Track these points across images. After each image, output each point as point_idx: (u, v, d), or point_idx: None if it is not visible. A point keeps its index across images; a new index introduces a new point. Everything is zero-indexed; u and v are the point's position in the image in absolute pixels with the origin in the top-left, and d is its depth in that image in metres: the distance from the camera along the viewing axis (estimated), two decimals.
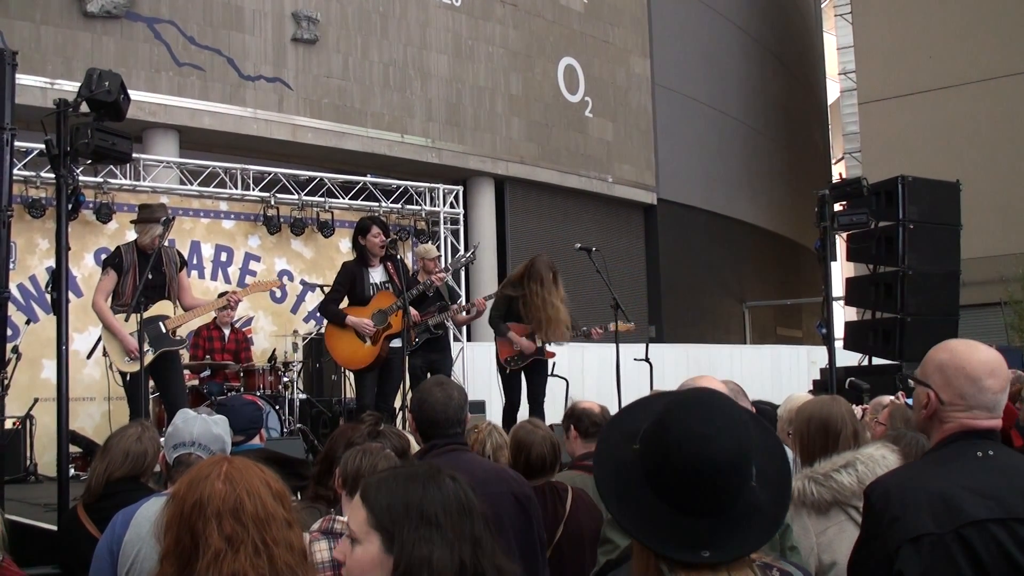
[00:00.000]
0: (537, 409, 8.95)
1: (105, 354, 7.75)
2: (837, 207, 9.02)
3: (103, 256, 10.39)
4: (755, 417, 2.06)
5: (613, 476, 1.91)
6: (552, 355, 9.16)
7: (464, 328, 12.54)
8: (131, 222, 8.11)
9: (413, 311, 8.57)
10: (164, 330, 7.65)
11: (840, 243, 11.20)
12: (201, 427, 3.82)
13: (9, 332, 6.71)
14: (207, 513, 2.19)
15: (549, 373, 9.30)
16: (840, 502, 3.37)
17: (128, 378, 7.63)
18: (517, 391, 9.07)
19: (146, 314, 7.54)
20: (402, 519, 2.10)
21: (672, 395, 1.98)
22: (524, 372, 9.07)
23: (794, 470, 3.88)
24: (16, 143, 5.95)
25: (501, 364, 9.07)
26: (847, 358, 11.06)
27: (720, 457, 1.78)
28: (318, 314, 10.05)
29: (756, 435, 1.90)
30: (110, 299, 7.69)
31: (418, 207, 12.86)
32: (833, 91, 34.37)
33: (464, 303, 10.41)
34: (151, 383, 8.11)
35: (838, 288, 13.35)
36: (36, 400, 9.18)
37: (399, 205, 12.65)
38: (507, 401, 9.07)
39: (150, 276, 7.61)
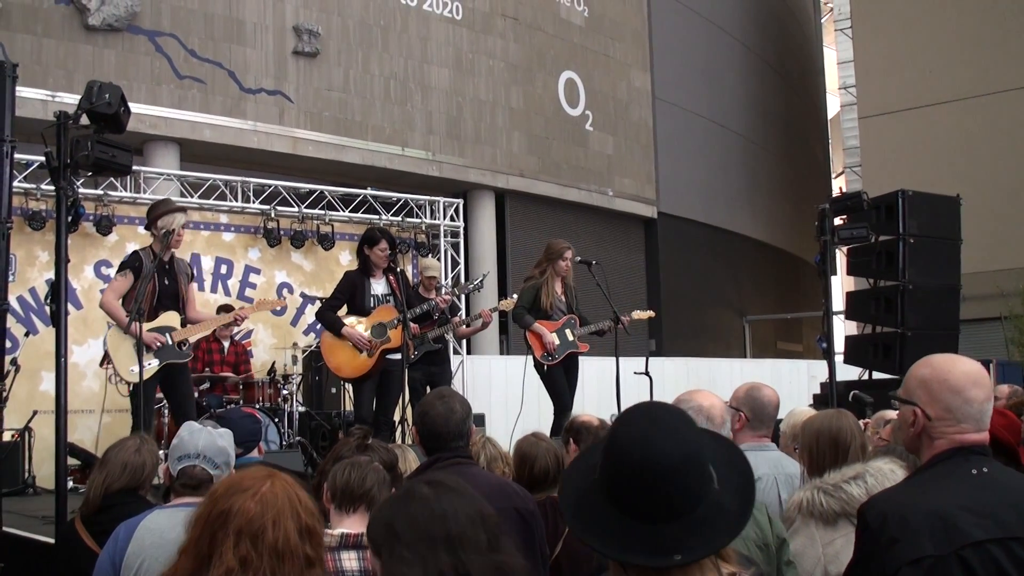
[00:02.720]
0: (568, 405, 8.74)
1: (109, 362, 7.61)
2: (837, 221, 9.02)
3: (103, 268, 10.44)
4: (707, 430, 2.13)
5: (577, 504, 1.95)
6: (585, 347, 8.96)
7: (464, 341, 12.52)
8: (147, 227, 7.97)
9: (413, 324, 8.55)
10: (171, 341, 7.59)
11: (840, 257, 11.19)
12: (206, 440, 3.82)
13: (8, 344, 6.71)
14: (229, 527, 2.19)
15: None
16: (848, 513, 3.35)
17: (133, 388, 7.55)
18: (564, 392, 8.82)
19: (154, 324, 7.50)
20: (381, 542, 2.09)
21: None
22: (563, 369, 8.87)
23: (802, 484, 3.88)
24: (17, 155, 5.96)
25: (538, 363, 8.81)
26: (847, 372, 11.05)
27: (662, 458, 1.83)
28: (316, 321, 9.97)
29: (711, 445, 1.98)
30: (121, 301, 7.58)
31: (418, 220, 12.85)
32: (833, 105, 34.38)
33: (464, 316, 10.40)
34: (158, 394, 8.07)
35: (838, 302, 13.34)
36: (35, 412, 9.15)
37: (399, 218, 12.64)
38: (556, 405, 8.81)
39: (166, 283, 7.59)
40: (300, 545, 2.24)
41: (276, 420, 9.76)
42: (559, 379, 8.85)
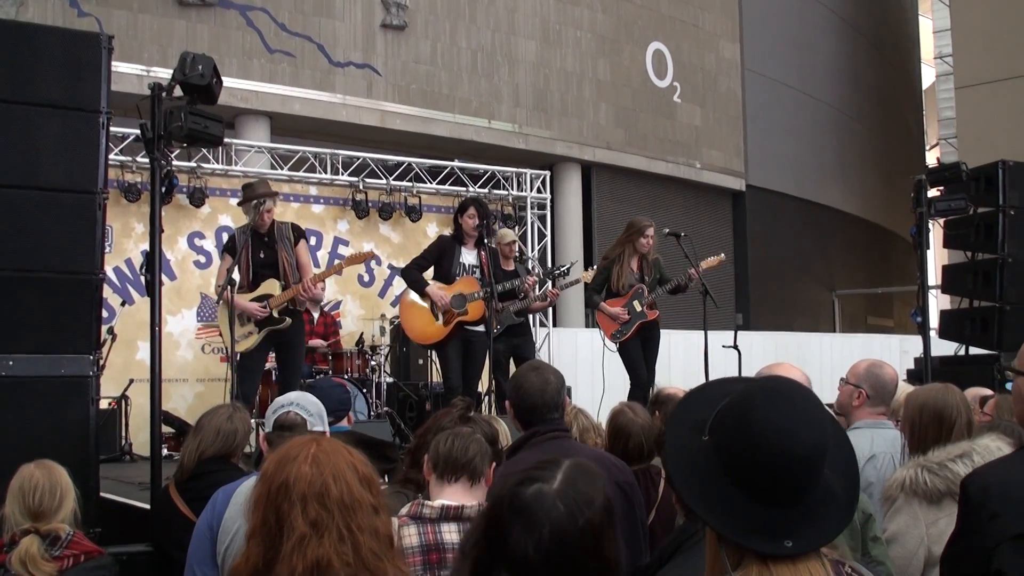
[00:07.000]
0: (649, 379, 8.71)
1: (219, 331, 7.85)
2: (934, 192, 8.81)
3: (196, 240, 10.65)
4: (827, 408, 2.00)
5: (688, 469, 1.84)
6: (654, 315, 8.88)
7: (550, 313, 12.49)
8: (239, 204, 8.19)
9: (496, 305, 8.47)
10: (269, 309, 7.77)
11: (935, 229, 10.93)
12: (298, 393, 3.98)
13: (105, 314, 6.83)
14: (292, 496, 2.19)
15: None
16: (954, 492, 3.25)
17: (239, 358, 7.75)
18: (639, 365, 8.77)
19: (253, 294, 7.75)
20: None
21: (748, 384, 1.90)
22: (641, 342, 8.85)
23: (903, 458, 3.78)
24: (113, 129, 6.05)
25: (610, 341, 8.83)
26: (942, 347, 10.82)
27: (803, 450, 1.73)
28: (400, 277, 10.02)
29: (831, 425, 1.85)
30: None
31: (505, 192, 12.84)
32: (928, 76, 33.58)
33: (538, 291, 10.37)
34: (268, 364, 8.32)
35: (932, 276, 13.05)
36: (131, 381, 9.34)
37: (486, 190, 12.63)
38: (632, 379, 8.76)
39: (261, 255, 7.76)
40: (364, 494, 2.24)
41: (364, 391, 9.83)
42: (632, 353, 8.81)
